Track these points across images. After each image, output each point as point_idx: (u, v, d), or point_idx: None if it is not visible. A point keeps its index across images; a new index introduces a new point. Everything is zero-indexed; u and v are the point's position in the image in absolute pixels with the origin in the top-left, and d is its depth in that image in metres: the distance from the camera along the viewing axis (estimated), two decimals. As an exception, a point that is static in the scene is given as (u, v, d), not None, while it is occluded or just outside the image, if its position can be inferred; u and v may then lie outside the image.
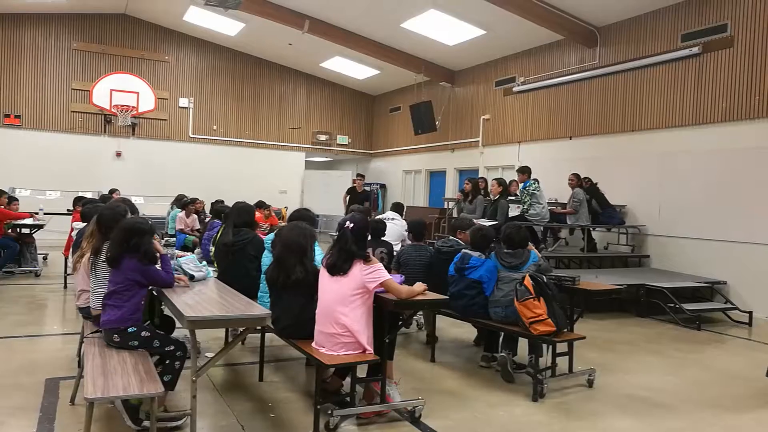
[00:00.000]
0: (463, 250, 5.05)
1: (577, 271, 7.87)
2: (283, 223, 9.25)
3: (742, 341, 6.84)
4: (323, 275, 3.83)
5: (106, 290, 3.58)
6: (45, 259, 10.27)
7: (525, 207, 8.63)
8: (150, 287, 3.80)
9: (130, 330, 3.48)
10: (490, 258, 4.94)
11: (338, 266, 3.73)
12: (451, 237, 5.74)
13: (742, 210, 8.16)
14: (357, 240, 3.80)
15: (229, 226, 5.17)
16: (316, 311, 3.78)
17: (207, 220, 8.66)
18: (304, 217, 4.69)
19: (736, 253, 8.20)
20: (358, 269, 3.70)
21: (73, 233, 6.60)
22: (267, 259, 4.50)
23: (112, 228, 3.73)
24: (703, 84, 8.82)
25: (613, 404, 4.35)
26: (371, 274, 3.70)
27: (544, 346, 4.58)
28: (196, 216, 9.89)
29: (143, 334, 3.51)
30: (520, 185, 9.04)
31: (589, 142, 10.77)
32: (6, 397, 3.94)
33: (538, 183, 8.99)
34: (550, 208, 9.03)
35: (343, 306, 3.66)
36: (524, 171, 9.11)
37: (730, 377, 5.25)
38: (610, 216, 9.42)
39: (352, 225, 3.83)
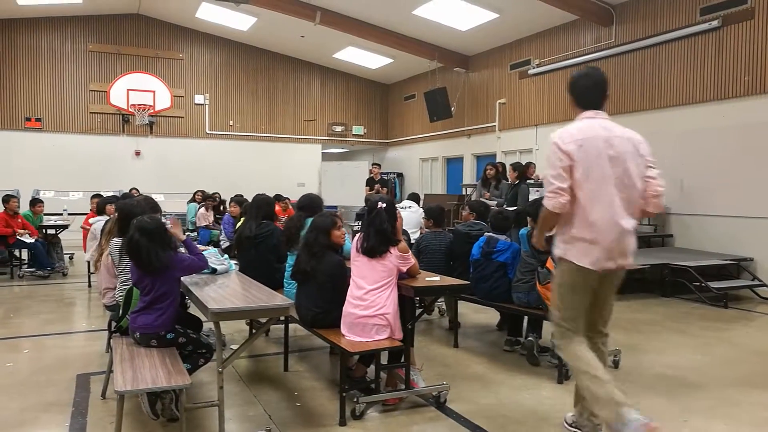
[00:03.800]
0: (488, 234, 5.04)
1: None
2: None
3: (771, 318, 6.73)
4: (357, 258, 3.85)
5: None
6: (71, 258, 10.46)
7: None
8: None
9: (168, 336, 3.51)
10: (514, 242, 4.92)
11: (376, 248, 3.75)
12: (474, 221, 5.68)
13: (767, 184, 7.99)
14: (389, 221, 3.85)
15: (249, 219, 5.22)
16: (349, 295, 3.81)
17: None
18: (310, 205, 4.73)
19: (763, 229, 8.04)
20: (392, 252, 3.76)
21: (92, 227, 6.71)
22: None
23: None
24: (724, 58, 8.62)
25: (640, 384, 4.31)
26: (402, 257, 3.78)
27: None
28: (212, 211, 10.05)
29: (180, 340, 3.55)
30: None
31: (607, 123, 10.60)
32: (40, 393, 4.03)
33: None
34: None
35: (378, 290, 3.71)
36: None
37: (760, 354, 5.18)
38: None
39: (384, 205, 3.85)
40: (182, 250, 3.82)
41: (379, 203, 3.88)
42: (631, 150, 3.18)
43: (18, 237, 8.68)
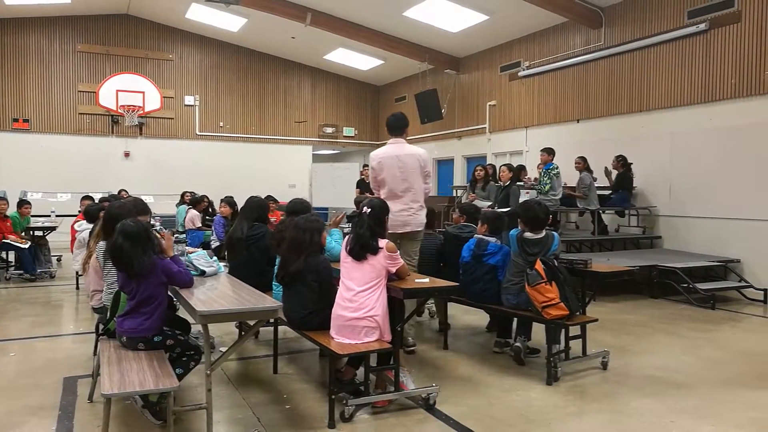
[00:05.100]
0: (479, 236, 5.04)
1: (589, 255, 7.84)
2: (282, 216, 9.39)
3: (758, 319, 6.79)
4: (346, 261, 3.87)
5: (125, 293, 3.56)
6: (59, 260, 10.37)
7: (545, 189, 8.57)
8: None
9: (156, 339, 3.48)
10: (505, 244, 4.93)
11: (356, 251, 3.81)
12: (464, 223, 5.69)
13: (755, 187, 8.06)
14: (376, 224, 3.89)
15: (241, 221, 5.20)
16: (338, 297, 3.82)
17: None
18: (300, 210, 4.73)
19: (750, 231, 8.12)
20: (381, 254, 3.78)
21: (76, 234, 6.67)
22: None
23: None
24: (712, 61, 8.70)
25: (628, 385, 4.33)
26: (391, 257, 3.81)
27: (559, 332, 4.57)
28: (198, 213, 9.98)
29: (168, 342, 3.52)
30: (543, 166, 8.94)
31: (597, 125, 10.68)
32: (26, 396, 3.99)
33: (559, 170, 8.89)
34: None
35: (367, 292, 3.72)
36: (550, 152, 8.99)
37: (747, 355, 5.22)
38: (623, 199, 9.33)
39: (369, 210, 3.87)
40: None
41: (365, 208, 3.92)
42: (414, 163, 5.00)
43: (12, 242, 8.63)
